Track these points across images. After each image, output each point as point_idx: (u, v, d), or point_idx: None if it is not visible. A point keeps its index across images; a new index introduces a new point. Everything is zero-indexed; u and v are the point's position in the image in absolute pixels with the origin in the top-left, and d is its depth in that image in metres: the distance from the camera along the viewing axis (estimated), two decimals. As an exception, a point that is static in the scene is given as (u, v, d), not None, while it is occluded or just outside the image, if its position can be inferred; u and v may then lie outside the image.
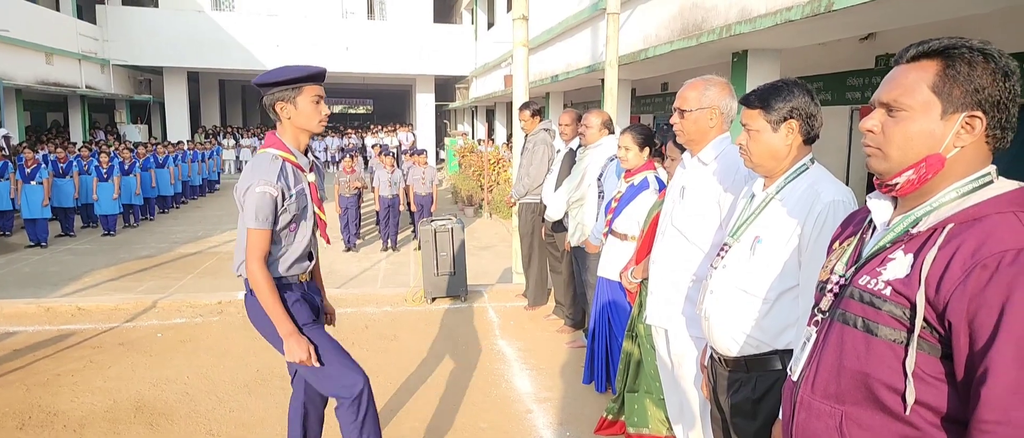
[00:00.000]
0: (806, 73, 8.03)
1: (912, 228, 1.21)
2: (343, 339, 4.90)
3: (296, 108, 2.45)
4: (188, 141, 18.22)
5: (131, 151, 12.92)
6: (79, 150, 12.57)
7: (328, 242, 2.80)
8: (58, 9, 18.28)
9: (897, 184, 1.23)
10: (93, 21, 19.03)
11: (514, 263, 6.53)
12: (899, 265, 1.18)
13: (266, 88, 2.45)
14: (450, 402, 3.89)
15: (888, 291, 1.18)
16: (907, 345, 1.15)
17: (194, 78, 23.15)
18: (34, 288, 7.65)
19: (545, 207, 5.13)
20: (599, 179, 4.36)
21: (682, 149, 2.74)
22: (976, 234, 1.10)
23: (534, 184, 5.44)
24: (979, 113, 1.15)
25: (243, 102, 29.52)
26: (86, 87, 18.02)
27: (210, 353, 4.67)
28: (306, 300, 2.60)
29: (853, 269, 1.30)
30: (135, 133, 20.08)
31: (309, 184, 2.56)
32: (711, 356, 2.10)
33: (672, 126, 2.60)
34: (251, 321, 2.59)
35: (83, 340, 4.99)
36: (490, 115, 22.18)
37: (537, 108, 5.62)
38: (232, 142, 22.81)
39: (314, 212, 2.58)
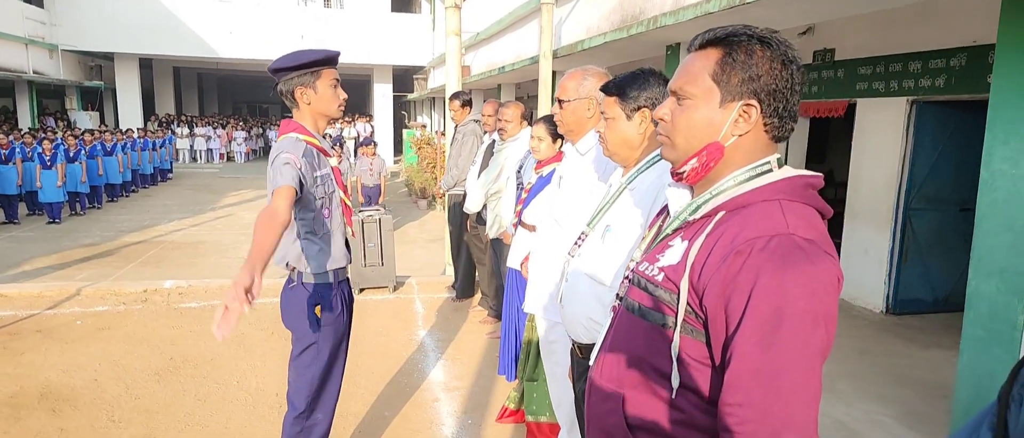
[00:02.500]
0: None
1: (691, 216, 1.24)
2: (263, 328, 4.96)
3: (316, 92, 2.44)
4: (139, 129, 17.84)
5: (77, 138, 12.61)
6: (23, 137, 12.26)
7: (353, 234, 2.75)
8: (3, -9, 17.72)
9: (684, 172, 1.26)
10: (40, 4, 18.46)
11: (445, 255, 6.60)
12: (674, 252, 1.22)
13: (282, 74, 2.44)
14: (358, 392, 3.95)
15: (661, 277, 1.21)
16: (675, 330, 1.17)
17: (147, 65, 22.63)
18: (-33, 276, 7.47)
19: (472, 198, 5.20)
20: (519, 172, 4.44)
21: (559, 137, 2.83)
22: (738, 221, 1.13)
23: (462, 175, 5.50)
24: (754, 101, 1.17)
25: (199, 90, 28.96)
26: (33, 72, 17.51)
27: (127, 341, 4.66)
28: (344, 298, 2.60)
29: (643, 255, 1.35)
30: (86, 120, 19.58)
31: (333, 168, 2.56)
32: (571, 346, 2.19)
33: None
34: (282, 311, 2.55)
35: (1, 327, 4.93)
36: (447, 106, 22.11)
37: (466, 98, 5.69)
38: (186, 130, 22.40)
39: (341, 198, 2.58)
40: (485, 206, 4.86)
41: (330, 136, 12.36)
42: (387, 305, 5.70)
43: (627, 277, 1.39)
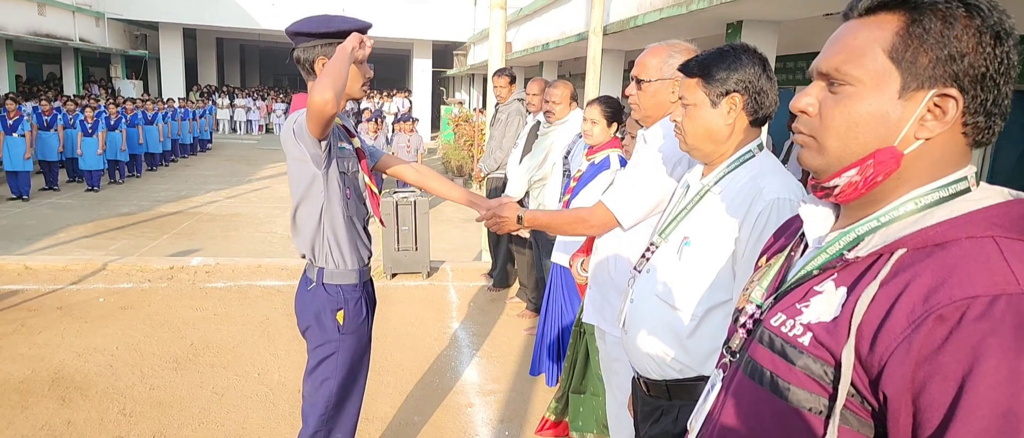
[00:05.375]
0: (808, 50, 7.63)
1: (849, 251, 0.87)
2: (289, 313, 4.69)
3: None
4: (180, 99, 17.88)
5: (118, 107, 12.61)
6: (66, 103, 12.30)
7: (383, 224, 2.41)
8: (52, -42, 17.87)
9: (836, 187, 0.89)
10: (88, -28, 18.62)
11: (482, 239, 6.25)
12: (826, 303, 0.85)
13: (303, 39, 2.08)
14: (386, 391, 3.65)
15: (807, 339, 0.84)
16: (828, 418, 0.82)
17: (191, 35, 22.72)
18: (7, 241, 7.42)
19: (513, 183, 4.83)
20: (566, 158, 4.06)
21: (615, 121, 2.44)
22: (935, 268, 0.76)
23: (505, 158, 5.13)
24: (954, 91, 0.81)
25: (241, 62, 29.07)
26: (79, 40, 17.65)
27: (148, 322, 4.43)
28: (368, 301, 2.29)
29: (771, 299, 0.97)
30: (130, 88, 19.74)
31: (357, 150, 2.22)
32: (633, 376, 1.82)
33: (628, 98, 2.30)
34: (298, 315, 2.24)
35: (23, 301, 4.76)
36: (486, 83, 21.74)
37: (513, 75, 5.30)
38: (227, 101, 22.46)
39: (366, 183, 2.24)
40: (527, 193, 4.48)
41: (370, 109, 12.08)
42: (420, 292, 5.38)
43: (743, 325, 1.00)
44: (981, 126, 0.83)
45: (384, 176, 2.62)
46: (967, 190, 0.83)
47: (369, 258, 2.28)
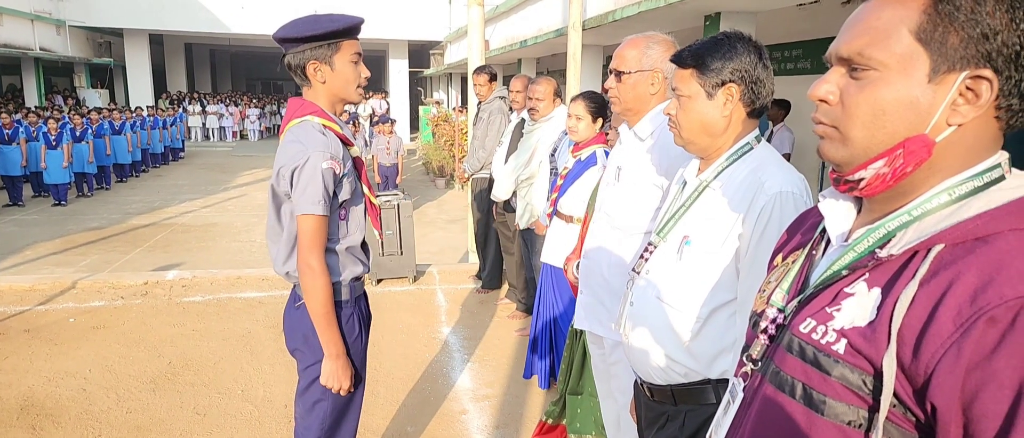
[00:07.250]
0: (785, 40, 7.61)
1: (880, 248, 0.81)
2: (272, 326, 4.54)
3: (333, 70, 1.96)
4: (149, 106, 17.48)
5: (82, 117, 12.25)
6: (27, 115, 11.92)
7: (380, 237, 2.28)
8: (8, -35, 17.32)
9: (862, 180, 0.84)
10: (47, -21, 18.07)
11: (469, 242, 6.14)
12: (859, 306, 0.79)
13: (292, 44, 1.95)
14: (378, 401, 3.52)
15: (842, 346, 0.78)
16: (868, 431, 0.77)
17: (157, 41, 22.22)
18: (-34, 262, 7.14)
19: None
20: (553, 155, 3.96)
21: (600, 116, 2.36)
22: (979, 264, 0.71)
23: (489, 158, 5.02)
24: (988, 72, 0.76)
25: (212, 68, 28.56)
26: (40, 49, 17.14)
27: (122, 342, 4.25)
28: (362, 317, 2.14)
29: (795, 302, 0.90)
30: (95, 98, 19.25)
31: (355, 159, 2.07)
32: (636, 381, 1.74)
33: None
34: (286, 334, 2.10)
35: (-13, 326, 4.55)
36: (465, 82, 21.62)
37: (493, 72, 5.18)
38: (198, 108, 22.02)
39: (364, 194, 2.08)
40: (515, 193, 4.38)
41: (347, 112, 11.87)
42: (407, 297, 5.25)
43: (764, 331, 0.93)
44: (1015, 109, 0.77)
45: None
46: (1002, 178, 0.78)
47: (364, 273, 2.15)
